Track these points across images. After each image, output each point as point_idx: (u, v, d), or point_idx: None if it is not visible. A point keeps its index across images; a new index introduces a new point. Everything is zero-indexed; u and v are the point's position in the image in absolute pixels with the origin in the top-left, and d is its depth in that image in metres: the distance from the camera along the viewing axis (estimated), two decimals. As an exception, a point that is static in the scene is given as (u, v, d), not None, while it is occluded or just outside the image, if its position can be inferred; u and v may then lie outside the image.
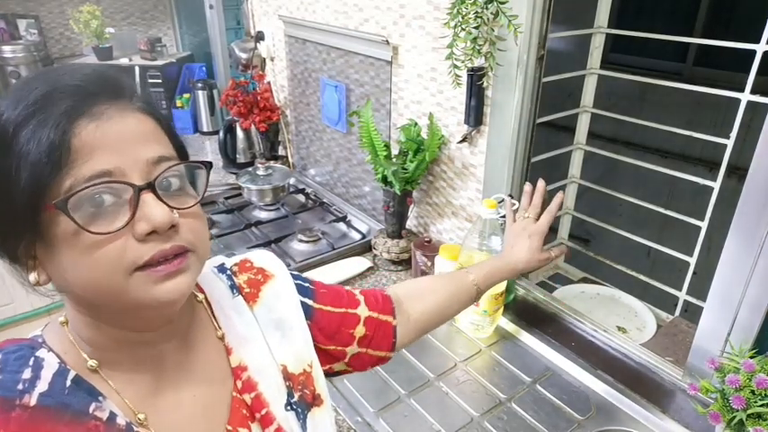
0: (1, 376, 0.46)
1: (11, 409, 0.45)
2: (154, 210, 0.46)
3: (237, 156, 2.14)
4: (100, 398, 0.49)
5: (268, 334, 0.62)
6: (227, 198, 1.90)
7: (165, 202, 0.47)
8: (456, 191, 1.37)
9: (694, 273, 1.18)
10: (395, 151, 1.44)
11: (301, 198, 1.96)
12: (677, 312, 1.26)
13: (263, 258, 0.68)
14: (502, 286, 1.16)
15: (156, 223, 0.46)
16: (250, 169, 1.87)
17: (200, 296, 0.62)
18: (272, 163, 1.91)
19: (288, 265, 1.39)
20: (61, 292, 0.50)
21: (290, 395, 0.60)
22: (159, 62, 2.56)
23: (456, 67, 1.14)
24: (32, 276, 0.48)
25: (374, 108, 1.47)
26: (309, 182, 2.04)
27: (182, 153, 0.53)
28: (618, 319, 1.28)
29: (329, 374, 0.71)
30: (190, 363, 0.57)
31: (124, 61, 2.55)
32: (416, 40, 1.34)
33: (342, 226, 1.72)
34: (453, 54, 1.13)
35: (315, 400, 0.63)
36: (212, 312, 0.61)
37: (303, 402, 0.61)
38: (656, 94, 2.41)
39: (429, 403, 1.03)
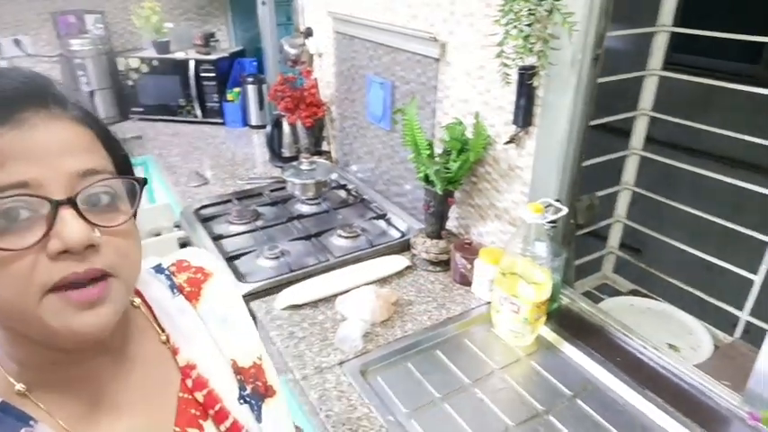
0: None
1: None
2: (69, 227, 0.42)
3: (283, 150, 2.17)
4: (31, 422, 0.46)
5: (214, 331, 0.61)
6: (272, 191, 1.92)
7: (86, 219, 0.43)
8: (500, 193, 1.33)
9: (760, 292, 1.10)
10: (438, 150, 1.41)
11: (342, 194, 1.96)
12: (737, 334, 1.18)
13: (201, 257, 0.66)
14: (546, 293, 1.11)
15: (68, 241, 0.42)
16: (294, 164, 1.88)
17: (137, 301, 0.59)
18: (315, 158, 1.92)
19: (327, 260, 1.40)
20: None
21: (242, 388, 0.60)
22: (213, 56, 2.63)
23: (506, 65, 1.11)
24: None
25: (419, 106, 1.45)
26: (351, 178, 2.04)
27: (123, 167, 0.50)
28: (669, 336, 1.21)
29: None
30: (128, 375, 0.54)
31: (180, 55, 2.63)
32: (465, 38, 1.31)
33: (381, 223, 1.70)
34: (504, 52, 1.09)
35: (267, 392, 0.63)
36: (153, 316, 0.59)
37: (256, 394, 0.61)
38: (724, 97, 2.26)
39: (463, 408, 1.00)
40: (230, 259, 1.44)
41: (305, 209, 1.81)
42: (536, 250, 1.10)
